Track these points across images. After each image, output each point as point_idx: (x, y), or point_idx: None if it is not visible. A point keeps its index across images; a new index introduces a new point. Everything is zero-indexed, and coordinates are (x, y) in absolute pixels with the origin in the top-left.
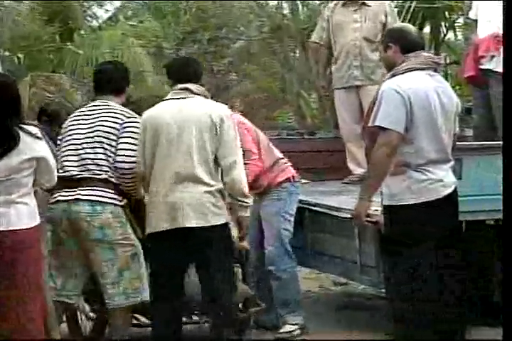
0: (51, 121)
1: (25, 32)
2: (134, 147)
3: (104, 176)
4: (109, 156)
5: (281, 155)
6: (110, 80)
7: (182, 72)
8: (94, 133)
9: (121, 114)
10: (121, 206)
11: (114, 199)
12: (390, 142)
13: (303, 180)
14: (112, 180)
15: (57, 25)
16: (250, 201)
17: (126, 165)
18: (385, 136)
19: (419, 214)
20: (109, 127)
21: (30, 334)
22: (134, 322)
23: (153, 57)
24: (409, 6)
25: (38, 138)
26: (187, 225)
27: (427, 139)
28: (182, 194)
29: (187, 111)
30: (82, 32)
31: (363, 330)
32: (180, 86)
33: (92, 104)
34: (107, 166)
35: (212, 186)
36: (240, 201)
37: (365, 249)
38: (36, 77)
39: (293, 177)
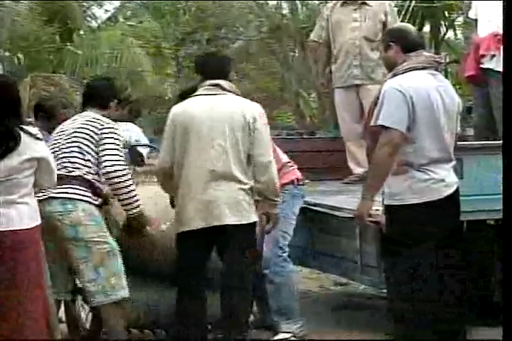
0: (48, 117)
1: (25, 32)
2: (117, 150)
3: (77, 173)
4: (85, 155)
5: (287, 159)
6: (95, 96)
7: (213, 68)
8: (72, 139)
9: (99, 120)
10: (96, 204)
11: (87, 196)
12: (392, 141)
13: (307, 181)
14: (88, 177)
15: (57, 26)
16: (280, 199)
17: (111, 168)
18: (387, 135)
19: (421, 214)
20: (87, 129)
21: (32, 334)
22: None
23: (152, 57)
24: (409, 5)
25: (38, 138)
26: (225, 223)
27: (429, 139)
28: (217, 192)
29: (219, 108)
30: (82, 32)
31: (363, 330)
32: (211, 82)
33: (76, 116)
34: (80, 164)
35: (246, 184)
36: (271, 200)
37: (365, 248)
38: (36, 78)
39: (297, 179)
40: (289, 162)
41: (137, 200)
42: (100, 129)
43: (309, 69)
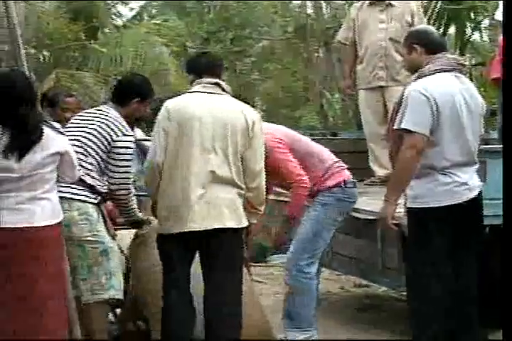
0: (52, 106)
1: (50, 30)
2: (126, 167)
3: None
4: (87, 157)
5: (335, 159)
6: (116, 91)
7: (212, 67)
8: (79, 138)
9: (117, 126)
10: (94, 203)
11: (84, 195)
12: (416, 145)
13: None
14: (85, 178)
15: (82, 24)
16: (263, 209)
17: (115, 187)
18: (411, 139)
19: (443, 217)
20: (100, 134)
21: (53, 329)
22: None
23: (176, 56)
24: (435, 7)
25: (60, 132)
26: (226, 226)
27: (453, 142)
28: (218, 194)
29: (221, 109)
30: (107, 30)
31: (383, 332)
32: (210, 80)
33: (96, 108)
34: (80, 165)
35: (242, 189)
36: (255, 209)
37: (386, 250)
38: (61, 75)
39: (344, 181)
40: (336, 162)
41: (134, 212)
42: (115, 140)
43: (333, 69)
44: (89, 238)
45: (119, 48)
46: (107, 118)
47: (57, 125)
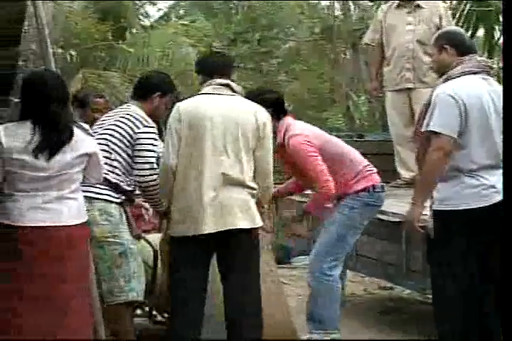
0: (83, 107)
1: (78, 30)
2: (151, 157)
3: None
4: (111, 153)
5: (366, 163)
6: (137, 87)
7: (222, 67)
8: (103, 136)
9: (138, 119)
10: (116, 202)
11: (106, 195)
12: (444, 148)
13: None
14: (109, 177)
15: (110, 24)
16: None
17: (141, 179)
18: (439, 141)
19: (470, 220)
20: (122, 128)
21: (78, 328)
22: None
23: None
24: (463, 9)
25: (90, 134)
26: (238, 227)
27: (481, 144)
28: (230, 195)
29: (233, 110)
30: (134, 30)
31: (405, 335)
32: (220, 81)
33: (118, 108)
34: (105, 163)
35: (254, 189)
36: (262, 207)
37: (411, 253)
38: (88, 75)
39: (373, 186)
40: (367, 166)
41: (161, 203)
42: (137, 133)
43: (360, 71)
44: (109, 239)
45: (147, 48)
46: (127, 112)
47: (86, 126)
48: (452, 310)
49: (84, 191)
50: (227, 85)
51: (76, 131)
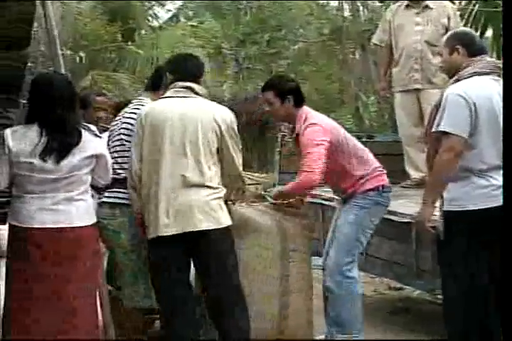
0: (85, 107)
1: (87, 31)
2: None
3: (123, 175)
4: (127, 152)
5: (376, 163)
6: (150, 78)
7: (186, 70)
8: (117, 136)
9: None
10: None
11: None
12: (454, 148)
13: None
14: None
15: (119, 25)
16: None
17: None
18: (449, 141)
19: (480, 220)
20: (129, 124)
21: (86, 329)
22: None
23: (212, 57)
24: (472, 10)
25: (97, 135)
26: (199, 229)
27: (491, 144)
28: (189, 197)
29: (193, 111)
30: (143, 32)
31: (415, 335)
32: (182, 84)
33: (131, 101)
34: (126, 163)
35: (216, 189)
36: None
37: (421, 253)
38: (97, 76)
39: (383, 186)
40: (378, 167)
41: None
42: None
43: (369, 72)
44: (135, 246)
45: (155, 50)
46: (136, 106)
47: (93, 127)
48: (461, 311)
49: (113, 197)
50: (189, 88)
51: (84, 132)
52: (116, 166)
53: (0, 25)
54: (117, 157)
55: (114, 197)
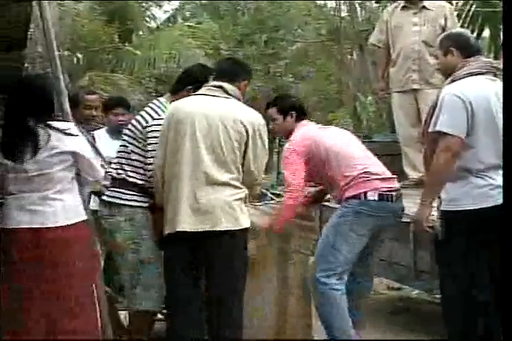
0: (75, 107)
1: (85, 32)
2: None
3: (122, 176)
4: (130, 154)
5: (366, 168)
6: (176, 80)
7: (221, 70)
8: (123, 137)
9: (149, 114)
10: (143, 207)
11: (134, 200)
12: (451, 148)
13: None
14: (131, 180)
15: (116, 26)
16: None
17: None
18: (446, 141)
19: (478, 219)
20: (133, 126)
21: (82, 330)
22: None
23: (210, 58)
24: (469, 10)
25: (67, 134)
26: (219, 228)
27: (488, 144)
28: (211, 196)
29: (221, 110)
30: (141, 33)
31: (414, 335)
32: (215, 83)
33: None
34: (126, 164)
35: (238, 188)
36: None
37: (419, 253)
38: (94, 77)
39: (364, 193)
40: (365, 172)
41: None
42: (145, 127)
43: (367, 72)
44: (130, 246)
45: (153, 51)
46: (144, 108)
47: (64, 125)
48: (461, 310)
49: (111, 196)
50: (221, 87)
51: (50, 131)
52: (116, 166)
53: (0, 25)
54: (119, 157)
55: (113, 197)
